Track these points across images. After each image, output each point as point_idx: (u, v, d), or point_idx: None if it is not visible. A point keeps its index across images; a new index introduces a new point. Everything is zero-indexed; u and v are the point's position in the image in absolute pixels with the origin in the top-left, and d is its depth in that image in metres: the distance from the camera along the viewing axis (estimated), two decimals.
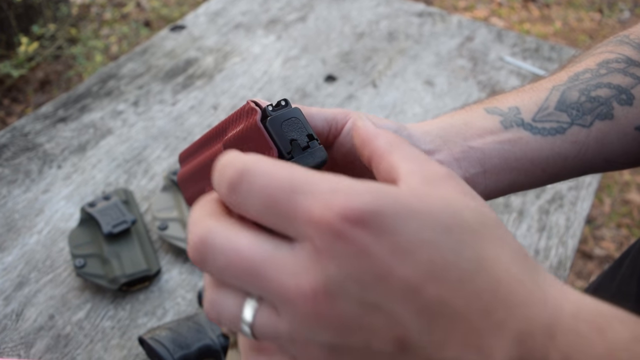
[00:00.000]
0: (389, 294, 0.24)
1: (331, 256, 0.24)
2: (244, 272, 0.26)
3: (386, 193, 0.25)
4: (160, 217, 0.85)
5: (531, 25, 3.16)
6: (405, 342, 0.25)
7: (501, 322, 0.24)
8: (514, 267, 0.25)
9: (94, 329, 0.75)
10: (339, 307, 0.25)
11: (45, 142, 1.01)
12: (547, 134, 0.48)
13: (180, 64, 1.21)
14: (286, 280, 0.25)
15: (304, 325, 0.25)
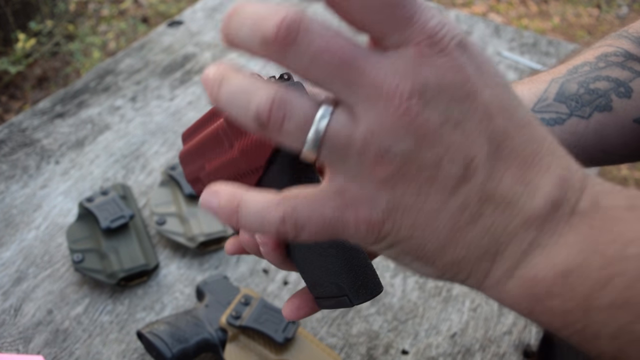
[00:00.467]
0: (471, 113, 0.26)
1: (433, 64, 0.25)
2: (339, 60, 0.25)
3: (469, 37, 0.28)
4: (158, 212, 0.85)
5: (529, 21, 3.16)
6: (472, 164, 0.26)
7: (548, 165, 0.27)
8: (550, 137, 0.28)
9: (92, 324, 0.75)
10: (427, 114, 0.25)
11: (43, 137, 1.01)
12: (546, 124, 0.49)
13: (178, 59, 1.21)
14: (385, 77, 0.25)
15: (387, 128, 0.25)
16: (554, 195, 0.27)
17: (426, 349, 0.74)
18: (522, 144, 0.27)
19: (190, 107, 1.09)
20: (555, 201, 0.27)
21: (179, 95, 1.12)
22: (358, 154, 0.26)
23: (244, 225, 0.28)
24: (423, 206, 0.27)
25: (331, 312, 0.78)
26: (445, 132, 0.26)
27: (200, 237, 0.81)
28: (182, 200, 0.86)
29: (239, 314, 0.69)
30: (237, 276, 0.81)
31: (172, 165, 0.90)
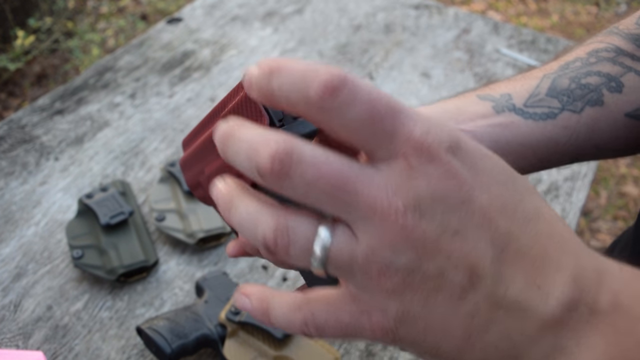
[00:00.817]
0: (468, 219, 0.26)
1: (423, 174, 0.25)
2: (333, 185, 0.25)
3: (464, 135, 0.28)
4: (158, 209, 0.85)
5: (528, 19, 3.16)
6: (476, 272, 0.26)
7: (558, 263, 0.27)
8: (561, 223, 0.28)
9: (92, 320, 0.75)
10: (424, 226, 0.25)
11: (42, 134, 1.01)
12: (538, 119, 0.49)
13: (177, 56, 1.21)
14: (377, 195, 0.25)
15: (386, 244, 0.25)
16: (568, 296, 0.26)
17: None
18: (529, 243, 0.27)
19: (190, 104, 1.09)
20: (571, 303, 0.26)
21: (178, 92, 1.12)
22: (362, 270, 0.26)
23: (276, 325, 0.29)
24: (432, 312, 0.27)
25: None
26: (444, 242, 0.26)
27: (199, 234, 0.82)
28: (181, 197, 0.87)
29: (238, 310, 0.69)
30: (237, 272, 0.82)
31: (171, 162, 0.90)
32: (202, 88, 1.13)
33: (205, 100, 1.10)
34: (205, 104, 1.10)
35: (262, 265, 0.83)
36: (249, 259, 0.83)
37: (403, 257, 0.26)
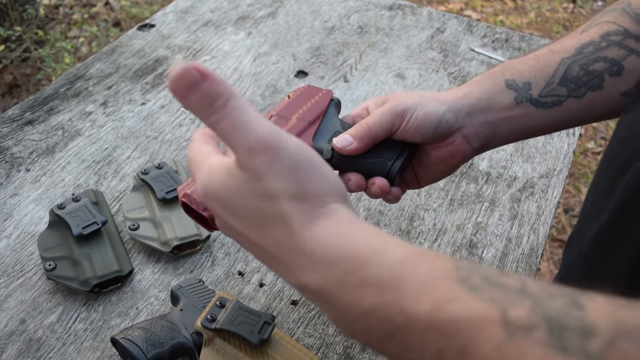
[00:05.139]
0: (234, 234, 0.44)
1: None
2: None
3: (208, 179, 0.43)
4: (131, 218, 0.84)
5: (505, 17, 3.18)
6: (259, 258, 0.44)
7: (286, 264, 0.40)
8: (288, 232, 0.39)
9: (66, 332, 0.74)
10: (231, 237, 0.46)
11: (13, 145, 0.99)
12: (547, 107, 0.59)
13: (150, 63, 1.20)
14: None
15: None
16: (295, 284, 0.41)
17: None
18: (268, 249, 0.41)
19: (163, 111, 1.08)
20: (298, 286, 0.41)
21: (150, 99, 1.11)
22: None
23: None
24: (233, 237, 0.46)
25: (308, 313, 0.78)
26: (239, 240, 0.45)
27: (174, 241, 0.81)
28: (155, 205, 0.86)
29: (214, 317, 0.68)
30: (213, 279, 0.81)
31: (144, 170, 0.89)
32: None
33: (179, 107, 1.09)
34: (179, 110, 1.09)
35: (239, 272, 0.82)
36: (225, 265, 0.83)
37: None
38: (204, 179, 0.43)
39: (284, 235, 0.39)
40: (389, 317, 0.35)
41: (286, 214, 0.39)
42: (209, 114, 0.38)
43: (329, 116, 0.63)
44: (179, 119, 1.07)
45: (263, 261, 0.44)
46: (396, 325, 0.35)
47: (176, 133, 1.04)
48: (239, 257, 0.84)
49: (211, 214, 0.53)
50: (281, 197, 0.39)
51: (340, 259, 0.38)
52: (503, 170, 1.01)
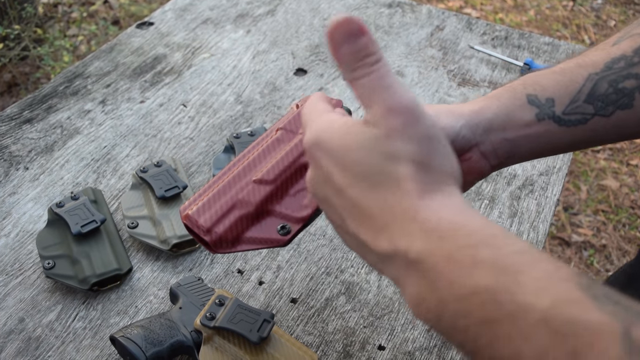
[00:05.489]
0: (329, 190, 0.42)
1: (310, 165, 0.45)
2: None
3: (327, 129, 0.43)
4: (130, 216, 0.84)
5: (505, 15, 3.18)
6: (343, 220, 0.42)
7: (384, 228, 0.39)
8: (404, 199, 0.39)
9: (65, 331, 0.74)
10: (316, 192, 0.45)
11: (11, 143, 0.99)
12: (570, 125, 0.55)
13: (148, 61, 1.20)
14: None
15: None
16: (387, 249, 0.39)
17: (402, 344, 0.74)
18: (367, 208, 0.40)
19: (162, 109, 1.08)
20: (390, 252, 0.39)
21: (149, 97, 1.11)
22: None
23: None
24: (336, 227, 0.46)
25: (307, 311, 0.77)
26: (324, 203, 0.44)
27: (173, 239, 0.81)
28: (154, 203, 0.85)
29: (214, 315, 0.68)
30: (212, 277, 0.81)
31: (143, 168, 0.89)
32: (174, 93, 1.12)
33: (178, 105, 1.09)
34: (178, 108, 1.08)
35: (238, 270, 0.82)
36: (224, 264, 0.82)
37: (321, 205, 0.46)
38: (320, 128, 0.43)
39: (396, 198, 0.39)
40: (497, 303, 0.33)
41: (407, 177, 0.39)
42: (357, 67, 0.40)
43: None
44: (178, 117, 1.06)
45: (348, 220, 0.42)
46: (502, 313, 0.33)
47: (175, 131, 1.04)
48: (238, 255, 0.84)
49: (213, 239, 0.53)
50: (406, 160, 0.39)
51: (457, 232, 0.37)
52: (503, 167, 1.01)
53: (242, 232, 0.53)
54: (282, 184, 0.55)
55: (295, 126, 0.59)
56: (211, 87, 1.14)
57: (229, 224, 0.53)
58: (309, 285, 0.81)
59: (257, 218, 0.54)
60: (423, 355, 0.73)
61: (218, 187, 0.55)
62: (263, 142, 0.58)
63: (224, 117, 1.07)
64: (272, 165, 0.55)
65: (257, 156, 0.57)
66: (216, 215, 0.53)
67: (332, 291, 0.80)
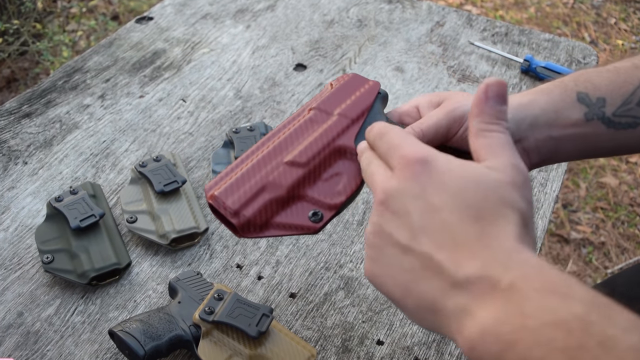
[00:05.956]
0: (419, 206, 0.41)
1: (398, 177, 0.43)
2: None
3: (440, 154, 0.42)
4: (129, 210, 0.84)
5: (505, 12, 3.18)
6: (416, 237, 0.40)
7: (475, 254, 0.38)
8: (505, 227, 0.39)
9: (64, 325, 0.74)
10: (391, 202, 0.42)
11: (10, 138, 0.99)
12: (620, 128, 0.53)
13: (148, 55, 1.19)
14: (378, 176, 0.45)
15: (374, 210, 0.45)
16: (473, 273, 0.37)
17: (401, 339, 0.74)
18: (461, 235, 0.39)
19: (161, 104, 1.08)
20: (474, 277, 0.37)
21: (149, 92, 1.11)
22: None
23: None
24: (386, 259, 0.42)
25: (306, 305, 0.77)
26: (398, 215, 0.42)
27: (172, 234, 0.81)
28: (153, 198, 0.85)
29: (213, 310, 0.68)
30: (211, 272, 0.81)
31: (142, 162, 0.89)
32: (173, 87, 1.12)
33: (177, 100, 1.09)
34: (177, 103, 1.08)
35: (237, 264, 0.82)
36: (223, 258, 0.82)
37: (376, 217, 0.43)
38: (431, 151, 0.43)
39: (497, 234, 0.39)
40: (586, 332, 0.33)
41: (514, 224, 0.39)
42: (494, 122, 0.43)
43: (374, 113, 0.56)
44: (177, 112, 1.06)
45: (424, 238, 0.40)
46: (590, 343, 0.32)
47: (174, 126, 1.03)
48: (237, 250, 0.84)
49: (241, 222, 0.49)
50: (519, 211, 0.40)
51: (552, 270, 0.37)
52: None
53: (272, 216, 0.50)
54: (316, 167, 0.51)
55: (330, 107, 0.55)
56: (210, 82, 1.14)
57: (258, 207, 0.50)
58: (307, 280, 0.81)
59: (287, 202, 0.51)
60: (422, 350, 0.73)
61: (247, 167, 0.52)
62: (294, 122, 0.55)
63: (223, 112, 1.07)
64: (305, 147, 0.52)
65: (289, 136, 0.53)
66: (245, 197, 0.50)
67: (331, 286, 0.80)
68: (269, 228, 0.50)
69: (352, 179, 0.52)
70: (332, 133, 0.53)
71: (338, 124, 0.54)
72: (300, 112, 0.56)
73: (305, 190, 0.51)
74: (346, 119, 0.55)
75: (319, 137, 0.53)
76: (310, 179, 0.51)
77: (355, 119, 0.55)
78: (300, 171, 0.51)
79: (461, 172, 0.41)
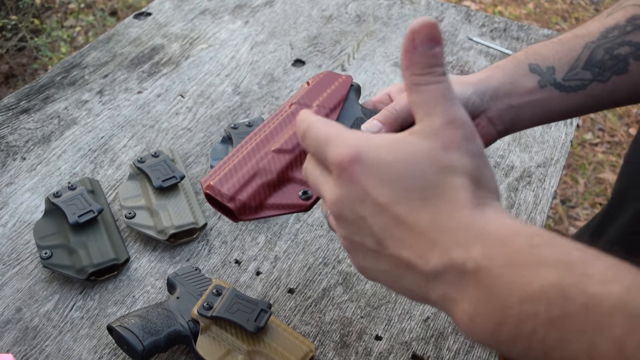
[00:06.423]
0: (367, 208, 0.40)
1: (339, 182, 0.41)
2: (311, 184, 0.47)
3: (368, 144, 0.40)
4: (127, 206, 0.84)
5: (504, 8, 3.17)
6: (381, 241, 0.40)
7: (434, 243, 0.37)
8: (452, 206, 0.38)
9: (62, 320, 0.74)
10: (345, 214, 0.41)
11: (8, 133, 0.99)
12: (571, 91, 0.59)
13: (146, 51, 1.19)
14: (324, 192, 0.44)
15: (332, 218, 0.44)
16: (440, 264, 0.37)
17: (399, 334, 0.74)
18: (416, 225, 0.38)
19: (159, 100, 1.08)
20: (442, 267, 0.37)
21: (147, 87, 1.10)
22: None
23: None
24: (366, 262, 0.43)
25: (304, 301, 0.77)
26: (357, 223, 0.41)
27: (170, 230, 0.81)
28: (151, 193, 0.85)
29: (211, 305, 0.68)
30: (209, 268, 0.81)
31: (140, 158, 0.89)
32: (171, 83, 1.12)
33: (176, 96, 1.09)
34: (176, 99, 1.08)
35: (235, 260, 0.82)
36: (221, 254, 0.82)
37: (341, 230, 0.43)
38: (358, 143, 0.40)
39: (449, 210, 0.37)
40: (566, 298, 0.32)
41: (460, 189, 0.38)
42: (426, 73, 0.39)
43: (349, 102, 0.63)
44: (176, 108, 1.06)
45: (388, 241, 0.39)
46: (573, 308, 0.32)
47: (172, 122, 1.03)
48: (235, 246, 0.84)
49: (237, 206, 0.54)
50: (462, 172, 0.38)
51: (516, 236, 0.36)
52: (500, 159, 1.01)
53: (265, 198, 0.55)
54: (301, 152, 0.57)
55: (308, 100, 0.62)
56: (209, 77, 1.14)
57: (252, 191, 0.55)
58: (306, 275, 0.81)
59: (278, 185, 0.56)
60: (420, 345, 0.73)
61: (238, 159, 0.57)
62: (278, 117, 0.61)
63: (222, 108, 1.07)
64: (290, 136, 0.57)
65: (274, 129, 0.59)
66: (239, 184, 0.55)
67: (330, 281, 0.80)
68: (264, 209, 0.55)
69: None
70: None
71: (318, 113, 0.60)
72: (282, 109, 0.62)
73: (293, 173, 0.56)
74: (324, 109, 0.61)
75: None
76: (297, 163, 0.57)
77: (333, 108, 0.61)
78: (287, 157, 0.57)
79: (392, 157, 0.39)
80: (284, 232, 0.86)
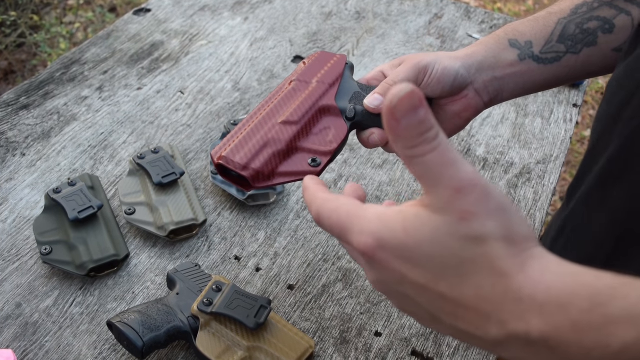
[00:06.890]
0: (409, 290, 0.39)
1: (373, 268, 0.40)
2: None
3: (383, 230, 0.38)
4: (127, 202, 0.84)
5: (503, 5, 3.17)
6: (434, 316, 0.39)
7: (487, 314, 0.35)
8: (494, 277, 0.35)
9: (62, 316, 0.74)
10: (391, 292, 0.41)
11: (8, 130, 0.99)
12: (548, 63, 0.65)
13: (146, 47, 1.19)
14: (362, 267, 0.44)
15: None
16: (500, 335, 0.35)
17: (399, 330, 0.75)
18: (461, 300, 0.36)
19: (159, 96, 1.08)
20: (504, 338, 0.35)
21: (147, 84, 1.10)
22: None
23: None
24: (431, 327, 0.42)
25: (304, 297, 0.78)
26: (404, 300, 0.40)
27: (170, 226, 0.81)
28: (151, 189, 0.85)
29: (211, 301, 0.68)
30: (209, 264, 0.81)
31: (140, 154, 0.89)
32: (171, 79, 1.12)
33: (175, 92, 1.09)
34: (175, 95, 1.08)
35: (235, 256, 0.82)
36: (221, 250, 0.83)
37: (394, 301, 0.43)
38: (374, 229, 0.38)
39: (492, 281, 0.35)
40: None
41: (496, 257, 0.35)
42: (419, 143, 0.35)
43: (346, 78, 0.66)
44: (175, 104, 1.06)
45: (441, 316, 0.38)
46: None
47: (172, 118, 1.03)
48: (235, 242, 0.84)
49: (251, 174, 0.56)
50: (490, 239, 0.35)
51: (574, 297, 0.33)
52: (500, 156, 1.01)
53: (276, 166, 0.58)
54: (307, 123, 0.60)
55: (308, 77, 0.65)
56: (209, 74, 1.14)
57: (264, 159, 0.57)
58: (306, 272, 0.81)
59: (288, 154, 0.59)
60: (420, 341, 0.74)
61: (246, 131, 0.59)
62: (279, 94, 0.64)
63: (222, 104, 1.07)
64: (295, 109, 0.61)
65: (278, 103, 0.62)
66: (250, 153, 0.57)
67: (329, 278, 0.80)
68: (276, 176, 0.58)
69: (340, 130, 0.62)
70: (315, 95, 0.63)
71: (318, 88, 0.64)
72: (281, 87, 0.65)
73: (301, 143, 0.60)
74: (324, 84, 0.65)
75: (305, 100, 0.62)
76: (304, 133, 0.60)
77: (332, 84, 0.65)
78: (294, 127, 0.60)
79: (412, 241, 0.37)
80: (283, 229, 0.86)
